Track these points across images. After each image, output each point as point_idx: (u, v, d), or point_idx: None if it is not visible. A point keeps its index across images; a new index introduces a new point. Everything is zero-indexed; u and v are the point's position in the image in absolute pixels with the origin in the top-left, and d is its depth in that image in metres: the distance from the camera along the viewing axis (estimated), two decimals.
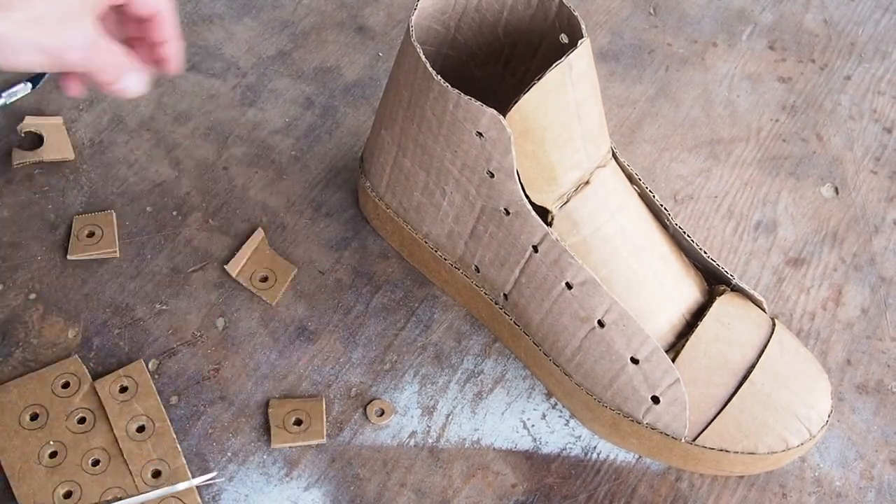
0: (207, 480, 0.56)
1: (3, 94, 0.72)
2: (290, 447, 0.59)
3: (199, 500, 0.57)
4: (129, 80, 0.51)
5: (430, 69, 0.53)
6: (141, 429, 0.59)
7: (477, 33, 0.61)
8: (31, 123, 0.70)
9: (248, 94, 0.76)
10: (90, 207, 0.68)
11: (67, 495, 0.56)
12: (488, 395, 0.63)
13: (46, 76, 0.74)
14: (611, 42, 0.83)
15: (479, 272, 0.61)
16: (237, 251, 0.67)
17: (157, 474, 0.57)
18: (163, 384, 0.61)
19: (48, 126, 0.71)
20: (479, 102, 0.52)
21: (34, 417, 0.59)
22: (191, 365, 0.62)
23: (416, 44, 0.54)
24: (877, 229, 0.73)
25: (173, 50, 0.54)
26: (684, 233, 0.60)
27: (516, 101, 0.52)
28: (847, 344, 0.66)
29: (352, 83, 0.78)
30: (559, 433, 0.61)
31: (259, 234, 0.68)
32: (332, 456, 0.60)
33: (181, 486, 0.56)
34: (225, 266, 0.66)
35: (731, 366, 0.57)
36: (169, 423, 0.59)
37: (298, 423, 0.60)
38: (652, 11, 0.85)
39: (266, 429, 0.60)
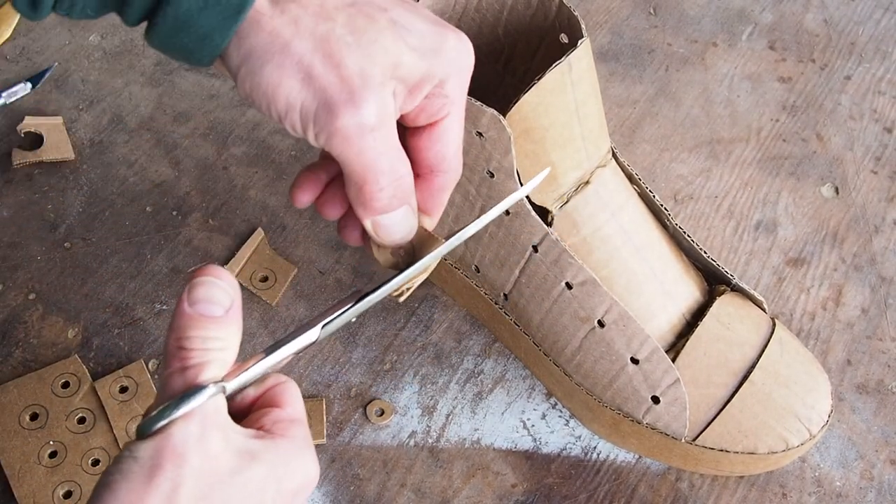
0: None
1: (3, 94, 0.72)
2: None
3: None
4: (402, 214, 0.40)
5: None
6: None
7: (477, 33, 0.61)
8: (31, 123, 0.70)
9: None
10: (90, 207, 0.68)
11: (67, 495, 0.56)
12: (488, 395, 0.63)
13: (47, 75, 0.74)
14: (611, 42, 0.83)
15: (479, 272, 0.61)
16: (237, 251, 0.67)
17: None
18: None
19: (48, 126, 0.71)
20: (479, 102, 0.52)
21: (34, 417, 0.59)
22: None
23: None
24: (877, 229, 0.73)
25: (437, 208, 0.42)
26: (684, 233, 0.60)
27: (516, 101, 0.52)
28: (847, 344, 0.66)
29: None
30: (559, 433, 0.61)
31: (259, 235, 0.67)
32: (332, 456, 0.60)
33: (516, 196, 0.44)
34: (225, 266, 0.66)
35: (731, 366, 0.57)
36: None
37: None
38: (652, 11, 0.85)
39: None
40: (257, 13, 0.36)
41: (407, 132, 0.42)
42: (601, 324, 0.56)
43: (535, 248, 0.56)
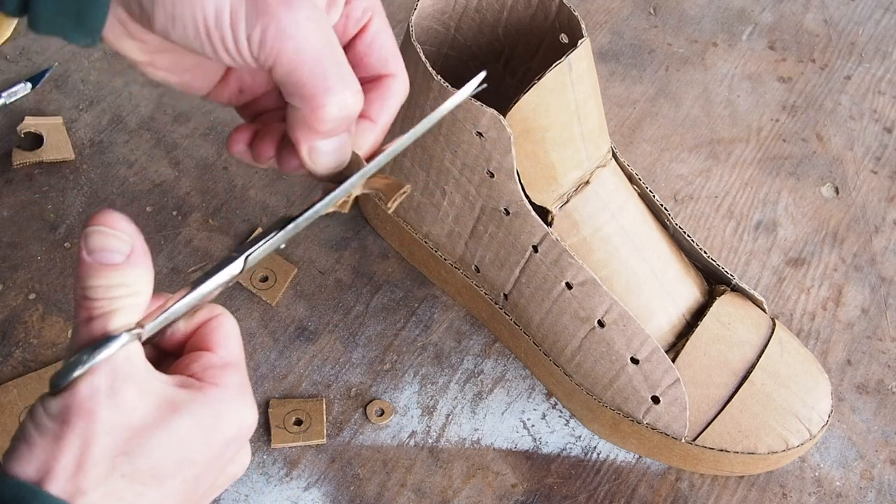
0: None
1: (3, 94, 0.72)
2: (290, 447, 0.59)
3: None
4: (341, 140, 0.37)
5: (430, 69, 0.53)
6: None
7: (477, 33, 0.61)
8: (31, 123, 0.70)
9: None
10: (90, 207, 0.68)
11: None
12: (488, 395, 0.63)
13: (46, 75, 0.74)
14: (611, 42, 0.83)
15: (479, 272, 0.61)
16: None
17: None
18: None
19: (48, 126, 0.71)
20: (479, 102, 0.52)
21: None
22: None
23: (416, 44, 0.54)
24: (877, 229, 0.73)
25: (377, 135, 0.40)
26: (684, 233, 0.60)
27: (516, 101, 0.52)
28: (847, 344, 0.66)
29: None
30: (559, 433, 0.61)
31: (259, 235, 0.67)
32: (332, 456, 0.60)
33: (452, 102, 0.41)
34: None
35: (731, 366, 0.57)
36: None
37: (298, 423, 0.60)
38: (652, 11, 0.85)
39: (266, 429, 0.60)
40: None
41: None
42: (601, 324, 0.56)
43: (535, 248, 0.56)
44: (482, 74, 0.41)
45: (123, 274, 0.34)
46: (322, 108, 0.36)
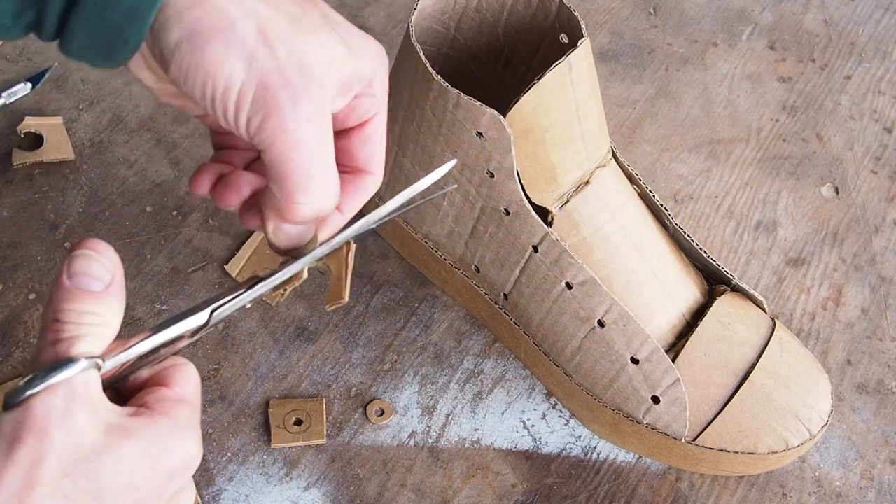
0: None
1: (3, 94, 0.72)
2: (290, 447, 0.59)
3: (199, 500, 0.57)
4: (323, 201, 0.37)
5: (430, 69, 0.53)
6: None
7: (477, 33, 0.61)
8: (31, 123, 0.70)
9: None
10: (90, 207, 0.68)
11: None
12: (488, 395, 0.63)
13: (47, 75, 0.74)
14: (611, 42, 0.83)
15: (479, 272, 0.61)
16: (237, 251, 0.67)
17: None
18: None
19: (48, 126, 0.71)
20: (479, 102, 0.52)
21: None
22: None
23: (416, 44, 0.54)
24: (877, 229, 0.73)
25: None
26: (684, 233, 0.60)
27: (516, 101, 0.52)
28: (847, 344, 0.66)
29: None
30: (559, 433, 0.61)
31: (259, 234, 0.67)
32: (332, 456, 0.60)
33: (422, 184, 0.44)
34: (225, 266, 0.66)
35: (731, 366, 0.57)
36: None
37: (298, 423, 0.60)
38: (652, 11, 0.85)
39: (266, 429, 0.60)
40: None
41: (334, 135, 0.41)
42: (601, 324, 0.56)
43: (535, 248, 0.56)
44: (452, 162, 0.45)
45: (99, 303, 0.35)
46: (298, 204, 0.37)
